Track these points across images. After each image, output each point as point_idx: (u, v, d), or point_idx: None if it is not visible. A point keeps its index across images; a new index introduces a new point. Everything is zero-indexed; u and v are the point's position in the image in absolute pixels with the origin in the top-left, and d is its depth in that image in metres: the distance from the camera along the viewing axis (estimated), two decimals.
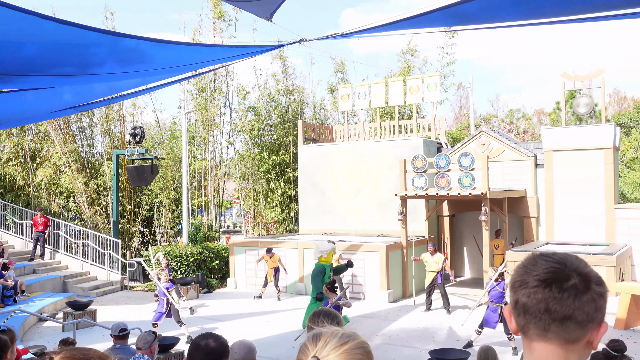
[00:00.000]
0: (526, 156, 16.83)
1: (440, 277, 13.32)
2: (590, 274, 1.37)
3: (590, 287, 1.36)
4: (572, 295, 1.34)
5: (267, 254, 15.47)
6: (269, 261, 15.40)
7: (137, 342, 5.52)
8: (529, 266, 1.42)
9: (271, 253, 15.48)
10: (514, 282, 1.43)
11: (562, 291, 1.34)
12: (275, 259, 15.41)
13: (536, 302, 1.36)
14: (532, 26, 5.92)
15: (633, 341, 10.46)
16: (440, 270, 13.28)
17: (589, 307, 1.35)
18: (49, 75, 5.46)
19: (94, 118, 22.70)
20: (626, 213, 15.55)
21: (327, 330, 1.46)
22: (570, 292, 1.34)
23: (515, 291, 1.41)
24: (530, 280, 1.38)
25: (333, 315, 3.11)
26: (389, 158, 17.74)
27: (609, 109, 40.97)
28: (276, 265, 15.40)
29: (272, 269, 15.42)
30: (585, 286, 1.35)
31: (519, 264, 1.46)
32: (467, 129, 34.22)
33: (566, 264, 1.38)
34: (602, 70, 15.76)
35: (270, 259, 15.39)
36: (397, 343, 10.83)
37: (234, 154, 25.41)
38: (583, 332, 1.36)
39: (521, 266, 1.44)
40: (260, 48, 7.02)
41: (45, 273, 17.26)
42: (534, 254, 1.47)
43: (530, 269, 1.40)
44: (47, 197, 22.32)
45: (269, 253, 15.48)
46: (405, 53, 26.32)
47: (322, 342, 1.42)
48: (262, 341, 10.99)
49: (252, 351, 3.49)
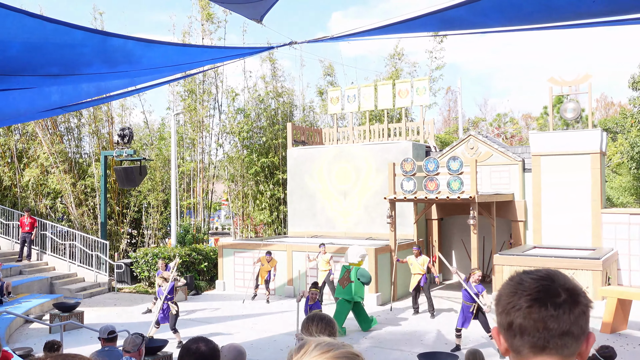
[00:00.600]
0: (514, 160, 16.94)
1: (424, 279, 13.34)
2: (577, 288, 1.39)
3: (579, 300, 1.37)
4: (567, 311, 1.35)
5: (267, 256, 15.31)
6: (266, 265, 15.23)
7: (125, 345, 5.48)
8: (516, 286, 1.41)
9: (270, 257, 15.36)
10: (503, 305, 1.41)
11: (557, 308, 1.35)
12: (272, 264, 15.31)
13: (533, 322, 1.35)
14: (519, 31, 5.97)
15: (619, 345, 10.54)
16: (424, 273, 13.31)
17: (581, 320, 1.36)
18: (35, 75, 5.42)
19: (82, 119, 22.56)
20: (612, 217, 15.70)
21: (313, 339, 1.45)
22: (565, 308, 1.35)
23: (507, 313, 1.39)
24: (521, 301, 1.37)
25: (327, 321, 3.08)
26: (378, 161, 17.79)
27: (596, 114, 41.37)
28: (270, 269, 15.31)
29: (265, 271, 15.30)
30: (575, 300, 1.36)
31: (503, 285, 1.45)
32: (456, 132, 34.39)
33: (553, 280, 1.39)
34: (589, 75, 15.91)
35: (267, 263, 15.24)
36: (385, 346, 10.85)
37: (223, 155, 25.37)
38: (578, 345, 1.37)
39: (507, 287, 1.43)
40: (250, 50, 7.01)
41: (32, 274, 17.11)
42: (516, 272, 1.46)
43: (519, 289, 1.39)
44: (35, 197, 22.13)
45: (268, 256, 15.34)
46: (393, 57, 26.41)
47: (303, 350, 1.41)
48: (251, 344, 10.96)
49: (241, 354, 3.45)
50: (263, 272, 15.33)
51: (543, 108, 37.39)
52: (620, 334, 11.29)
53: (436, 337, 11.52)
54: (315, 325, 2.97)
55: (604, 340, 10.89)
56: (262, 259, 15.31)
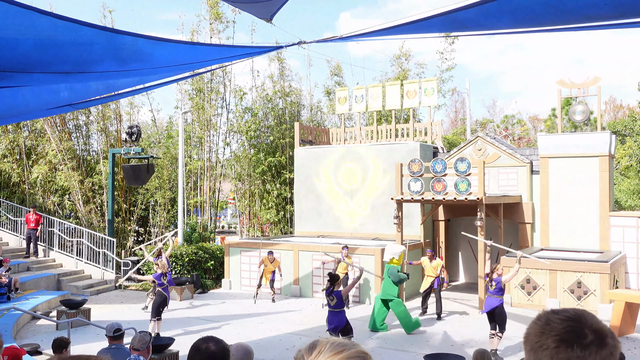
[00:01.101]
0: (522, 162, 16.88)
1: (437, 282, 13.37)
2: (604, 329, 1.40)
3: (607, 342, 1.38)
4: (594, 353, 1.36)
5: (269, 256, 15.20)
6: (269, 265, 15.13)
7: (133, 343, 5.48)
8: (544, 326, 1.43)
9: (272, 257, 15.28)
10: (531, 344, 1.44)
11: (584, 349, 1.36)
12: (275, 264, 15.25)
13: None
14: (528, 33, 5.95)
15: (627, 348, 10.50)
16: (437, 276, 13.34)
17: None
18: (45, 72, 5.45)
19: (90, 116, 22.65)
20: (620, 220, 15.61)
21: (324, 339, 1.46)
22: (592, 349, 1.36)
23: (535, 352, 1.42)
24: (549, 341, 1.39)
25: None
26: (385, 162, 17.76)
27: (605, 117, 41.15)
28: (274, 269, 15.25)
29: (269, 272, 15.23)
30: (602, 342, 1.37)
31: (531, 324, 1.47)
32: (464, 134, 34.29)
33: (581, 321, 1.40)
34: (599, 78, 15.83)
35: (270, 264, 15.15)
36: (392, 347, 10.84)
37: (230, 154, 25.40)
38: None
39: (535, 326, 1.46)
40: (259, 49, 7.02)
41: (40, 271, 17.20)
42: (544, 311, 1.48)
43: (546, 329, 1.42)
44: (42, 194, 22.25)
45: (270, 255, 15.22)
46: (399, 58, 26.37)
47: (317, 350, 1.42)
48: (257, 343, 10.97)
49: (249, 354, 3.44)
50: (267, 273, 15.28)
51: (551, 110, 37.22)
52: (627, 338, 11.24)
53: (442, 338, 11.50)
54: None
55: None
56: (264, 260, 15.25)
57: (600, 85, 15.84)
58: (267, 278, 15.25)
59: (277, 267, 15.25)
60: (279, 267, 15.33)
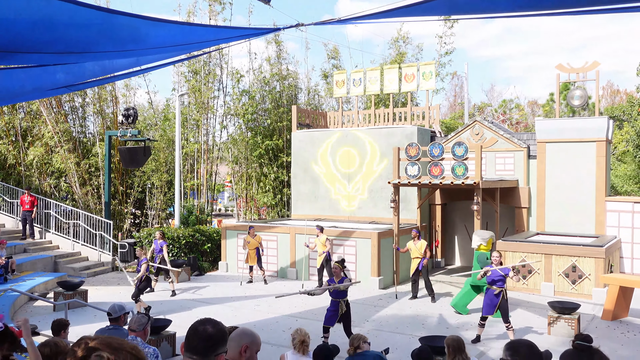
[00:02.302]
0: (519, 147, 16.88)
1: (421, 264, 13.29)
2: None
3: None
4: None
5: (250, 231, 15.32)
6: (252, 241, 15.26)
7: (130, 324, 5.51)
8: None
9: (252, 232, 15.36)
10: None
11: None
12: (258, 239, 15.37)
13: None
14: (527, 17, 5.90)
15: (620, 332, 10.60)
16: (422, 257, 13.26)
17: None
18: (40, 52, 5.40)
19: (87, 98, 22.51)
20: (616, 205, 15.67)
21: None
22: None
23: None
24: None
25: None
26: (383, 145, 17.74)
27: (602, 102, 41.11)
28: (257, 245, 15.35)
29: (253, 250, 15.31)
30: None
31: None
32: (461, 118, 34.24)
33: None
34: (597, 63, 15.78)
35: (252, 239, 15.28)
36: (387, 329, 10.91)
37: (227, 137, 25.32)
38: None
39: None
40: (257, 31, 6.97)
41: (36, 252, 17.21)
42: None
43: None
44: (39, 176, 22.19)
45: (250, 230, 15.34)
46: (397, 40, 26.20)
47: None
48: (253, 325, 11.04)
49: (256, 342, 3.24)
50: (252, 253, 15.34)
51: (549, 95, 37.19)
52: (621, 321, 11.34)
53: (438, 321, 11.58)
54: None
55: (605, 327, 10.94)
56: (246, 237, 15.34)
57: (599, 70, 15.79)
58: (253, 258, 15.31)
59: (259, 243, 15.33)
60: (260, 243, 15.41)
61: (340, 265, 9.95)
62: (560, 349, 9.84)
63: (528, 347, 3.27)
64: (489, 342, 9.95)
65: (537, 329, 10.80)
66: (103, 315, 9.80)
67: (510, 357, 3.20)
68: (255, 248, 15.35)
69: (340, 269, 9.84)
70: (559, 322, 10.36)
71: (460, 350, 6.03)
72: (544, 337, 10.25)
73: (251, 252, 15.36)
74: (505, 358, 3.23)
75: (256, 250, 15.36)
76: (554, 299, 12.81)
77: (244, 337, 3.04)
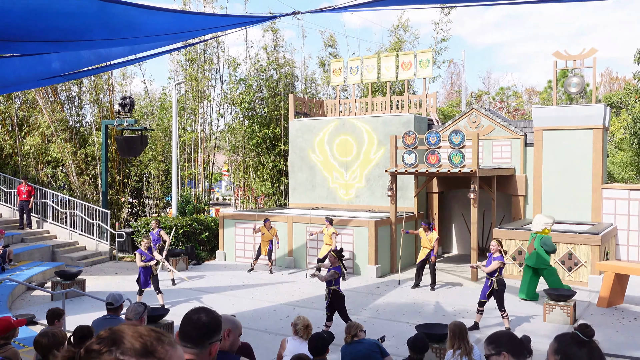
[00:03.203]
0: (516, 134, 16.87)
1: (432, 253, 13.37)
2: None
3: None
4: None
5: (266, 223, 15.28)
6: (266, 233, 15.22)
7: (128, 313, 5.53)
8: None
9: (269, 224, 15.36)
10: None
11: None
12: (273, 232, 15.33)
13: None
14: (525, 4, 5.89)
15: (615, 319, 10.67)
16: (432, 248, 13.33)
17: None
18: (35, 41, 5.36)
19: (83, 87, 22.42)
20: (612, 193, 15.71)
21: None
22: None
23: None
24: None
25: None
26: (380, 134, 17.73)
27: (600, 89, 41.06)
28: (271, 238, 15.33)
29: (267, 241, 15.35)
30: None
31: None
32: (459, 106, 34.19)
33: None
34: (595, 49, 15.73)
35: (267, 231, 15.24)
36: (384, 317, 10.96)
37: (224, 126, 25.26)
38: None
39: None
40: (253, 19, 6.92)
41: (34, 242, 17.22)
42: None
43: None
44: (35, 166, 22.14)
45: (267, 222, 15.31)
46: (397, 28, 26.09)
47: None
48: (251, 313, 11.09)
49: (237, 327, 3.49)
50: (264, 244, 15.33)
51: (547, 82, 37.12)
52: (616, 308, 11.40)
53: (435, 309, 11.63)
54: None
55: (601, 314, 11.01)
56: (262, 229, 15.30)
57: (596, 57, 15.75)
58: (265, 248, 15.30)
59: (274, 235, 15.32)
60: (276, 235, 15.39)
61: (335, 254, 9.84)
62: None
63: (508, 337, 3.40)
64: (484, 330, 10.02)
65: (533, 316, 10.87)
66: (100, 304, 9.83)
67: (493, 350, 3.28)
68: (269, 240, 15.33)
69: (334, 257, 9.75)
70: (555, 309, 10.42)
71: (463, 336, 6.07)
72: (540, 324, 10.32)
73: (264, 244, 15.36)
74: (489, 352, 3.30)
75: (269, 243, 15.34)
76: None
77: (227, 323, 3.29)
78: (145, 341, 1.42)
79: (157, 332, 1.48)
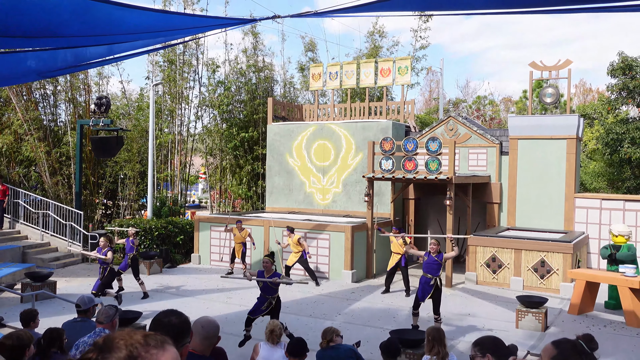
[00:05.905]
0: (492, 143, 17.08)
1: (403, 259, 13.48)
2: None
3: None
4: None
5: (237, 224, 15.17)
6: (237, 235, 15.15)
7: (98, 316, 5.43)
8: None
9: (240, 225, 15.28)
10: None
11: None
12: (244, 234, 15.24)
13: None
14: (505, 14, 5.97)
15: (585, 326, 10.83)
16: (404, 254, 13.40)
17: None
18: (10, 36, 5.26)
19: (58, 86, 22.05)
20: (585, 202, 15.98)
21: None
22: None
23: None
24: None
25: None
26: (358, 139, 17.79)
27: (574, 100, 41.82)
28: (243, 240, 15.24)
29: (239, 244, 15.25)
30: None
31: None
32: (436, 113, 34.50)
33: None
34: (570, 61, 16.03)
35: (239, 233, 15.17)
36: (358, 322, 10.97)
37: (202, 128, 25.10)
38: None
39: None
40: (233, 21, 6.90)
41: (4, 243, 16.85)
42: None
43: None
44: (7, 165, 21.70)
45: (239, 224, 15.21)
46: (373, 34, 26.24)
47: None
48: (225, 317, 11.00)
49: (216, 328, 3.50)
50: (237, 246, 15.25)
51: (523, 92, 37.68)
52: (587, 315, 11.59)
53: (408, 314, 11.66)
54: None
55: (571, 321, 11.18)
56: (233, 229, 15.21)
57: (571, 69, 16.05)
58: (238, 251, 15.22)
59: (247, 236, 15.23)
60: (250, 236, 15.30)
61: (270, 259, 9.32)
62: (527, 342, 10.03)
63: (493, 341, 3.48)
64: (457, 336, 10.09)
65: (506, 322, 10.98)
66: (71, 307, 9.65)
67: (479, 352, 3.34)
68: (241, 242, 15.24)
69: (270, 262, 9.23)
70: (527, 315, 10.55)
71: (441, 341, 6.10)
72: (513, 331, 10.43)
73: (237, 246, 15.27)
74: (474, 354, 3.37)
75: (242, 245, 15.25)
76: (523, 293, 13.05)
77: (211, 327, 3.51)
78: (131, 348, 1.48)
79: (145, 336, 1.52)
